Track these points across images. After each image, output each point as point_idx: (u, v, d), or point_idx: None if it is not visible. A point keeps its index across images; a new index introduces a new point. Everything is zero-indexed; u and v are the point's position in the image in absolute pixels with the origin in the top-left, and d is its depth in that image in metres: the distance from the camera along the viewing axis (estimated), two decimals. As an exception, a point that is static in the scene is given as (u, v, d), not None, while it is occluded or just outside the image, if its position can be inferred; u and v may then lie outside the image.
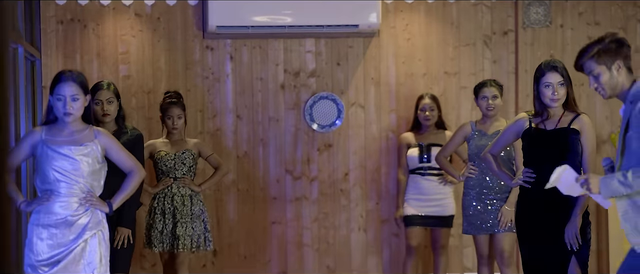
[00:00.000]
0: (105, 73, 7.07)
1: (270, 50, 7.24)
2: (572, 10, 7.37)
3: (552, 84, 4.72)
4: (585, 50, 3.98)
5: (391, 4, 7.29)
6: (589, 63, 3.97)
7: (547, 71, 4.74)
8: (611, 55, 3.94)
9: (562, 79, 4.75)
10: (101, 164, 4.55)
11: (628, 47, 3.99)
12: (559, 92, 4.72)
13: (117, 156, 4.61)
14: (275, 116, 7.27)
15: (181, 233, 6.19)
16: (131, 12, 7.12)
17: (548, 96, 4.72)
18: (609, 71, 3.95)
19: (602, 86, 3.92)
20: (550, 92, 4.72)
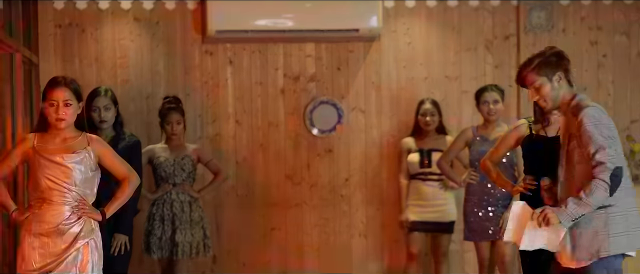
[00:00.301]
0: (103, 78, 7.04)
1: (269, 55, 7.22)
2: (574, 15, 7.35)
3: None
4: (527, 63, 4.13)
5: (392, 8, 7.27)
6: (531, 75, 4.10)
7: None
8: (552, 68, 4.11)
9: None
10: (94, 171, 4.49)
11: (568, 61, 4.18)
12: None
13: (110, 163, 4.55)
14: (275, 120, 7.24)
15: (180, 239, 6.16)
16: (130, 16, 7.10)
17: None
18: (550, 82, 4.11)
19: (544, 97, 4.07)
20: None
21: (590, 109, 4.06)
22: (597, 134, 3.98)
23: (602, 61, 7.37)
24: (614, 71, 7.37)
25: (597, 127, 4.00)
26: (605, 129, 4.02)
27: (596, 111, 4.07)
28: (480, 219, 6.10)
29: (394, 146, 7.17)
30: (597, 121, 4.03)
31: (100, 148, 4.49)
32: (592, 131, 3.96)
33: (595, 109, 4.07)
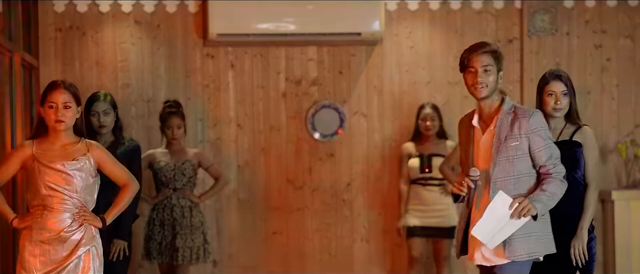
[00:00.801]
0: (104, 81, 7.03)
1: (271, 59, 7.20)
2: (578, 18, 7.32)
3: (555, 93, 4.65)
4: (486, 44, 4.17)
5: (394, 12, 7.25)
6: (488, 57, 4.13)
7: (551, 79, 4.68)
8: (501, 62, 4.20)
9: (565, 88, 4.67)
10: (94, 178, 4.47)
11: None
12: (562, 101, 4.65)
13: (110, 169, 4.53)
14: (276, 124, 7.22)
15: (180, 244, 6.15)
16: (131, 19, 7.09)
17: (551, 105, 4.65)
18: (497, 73, 4.17)
19: (486, 83, 4.09)
20: (553, 101, 4.64)
21: (540, 114, 4.26)
22: (548, 137, 4.20)
23: (606, 65, 7.34)
24: (619, 74, 7.35)
25: (548, 133, 4.22)
26: (550, 132, 4.27)
27: (543, 117, 4.28)
28: None
29: (396, 151, 7.15)
30: (546, 127, 4.24)
31: (99, 154, 4.47)
32: (546, 136, 4.16)
33: (542, 115, 4.29)
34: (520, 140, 4.16)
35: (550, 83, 4.67)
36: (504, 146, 4.16)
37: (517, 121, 4.19)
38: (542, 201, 4.12)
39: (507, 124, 4.18)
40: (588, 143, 4.64)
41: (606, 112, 7.34)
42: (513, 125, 4.18)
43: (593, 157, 4.65)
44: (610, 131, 7.32)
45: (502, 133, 4.17)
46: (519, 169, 4.20)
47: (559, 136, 4.65)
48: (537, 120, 4.20)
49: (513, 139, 4.16)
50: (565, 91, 4.66)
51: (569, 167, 4.56)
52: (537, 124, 4.19)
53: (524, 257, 4.16)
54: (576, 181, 4.60)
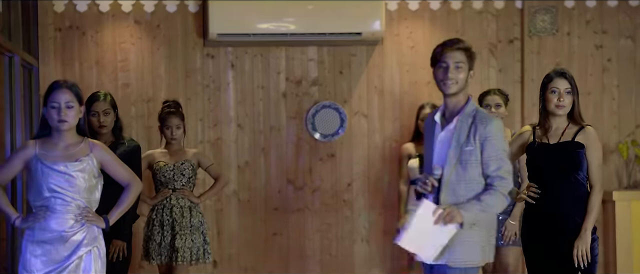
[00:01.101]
0: (104, 81, 7.01)
1: (271, 59, 7.18)
2: (579, 18, 7.30)
3: (559, 90, 4.63)
4: (461, 40, 4.12)
5: (395, 12, 7.23)
6: (462, 54, 4.06)
7: (555, 76, 4.67)
8: (473, 62, 4.13)
9: (569, 86, 4.65)
10: (97, 178, 4.45)
11: None
12: (565, 99, 4.63)
13: (113, 169, 4.52)
14: (276, 125, 7.20)
15: (180, 245, 6.11)
16: (130, 19, 7.07)
17: (553, 102, 4.63)
18: (468, 71, 4.10)
19: (457, 79, 4.02)
20: (556, 98, 4.63)
21: (500, 122, 4.17)
22: (502, 148, 4.08)
23: (607, 65, 7.32)
24: (619, 75, 7.32)
25: (503, 142, 4.11)
26: (506, 144, 4.16)
27: (501, 124, 4.18)
28: None
29: (397, 151, 7.12)
30: (501, 137, 4.12)
31: (102, 154, 4.46)
32: (500, 146, 4.05)
33: (501, 122, 4.20)
34: (474, 146, 4.07)
35: (554, 80, 4.65)
36: (460, 148, 4.09)
37: (474, 126, 4.10)
38: (471, 211, 3.98)
39: (467, 126, 4.10)
40: (591, 144, 4.62)
41: (607, 112, 7.32)
42: (470, 129, 4.09)
43: (597, 158, 4.63)
44: (611, 131, 7.30)
45: (462, 135, 4.10)
46: (472, 174, 4.09)
47: (562, 136, 4.64)
48: (493, 127, 4.08)
49: (469, 143, 4.09)
50: (568, 89, 4.64)
51: (571, 169, 4.58)
52: (492, 132, 4.07)
53: (459, 264, 4.08)
54: (578, 182, 4.59)
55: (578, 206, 4.59)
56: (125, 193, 4.53)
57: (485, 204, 4.00)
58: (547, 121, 4.69)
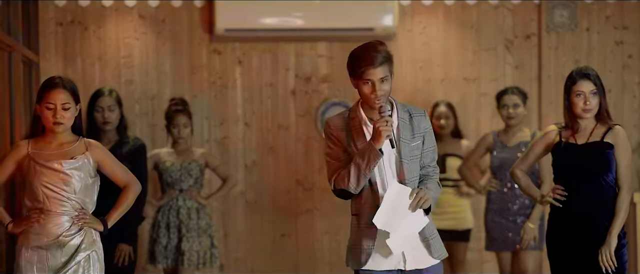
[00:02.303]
0: (107, 77, 6.98)
1: (280, 55, 7.14)
2: (599, 13, 7.22)
3: (584, 93, 4.51)
4: (383, 49, 3.87)
5: (408, 6, 7.16)
6: (388, 67, 3.86)
7: (579, 78, 4.54)
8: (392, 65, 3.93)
9: (595, 87, 4.54)
10: (94, 178, 4.29)
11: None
12: (591, 102, 4.52)
13: (110, 169, 4.35)
14: (285, 123, 7.14)
15: (186, 248, 6.06)
16: (134, 13, 7.03)
17: (580, 106, 4.52)
18: (391, 78, 3.88)
19: (385, 91, 3.84)
20: (582, 102, 4.51)
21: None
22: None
23: (628, 62, 7.24)
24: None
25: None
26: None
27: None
28: (501, 228, 5.96)
29: (410, 150, 6.98)
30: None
31: (99, 153, 4.30)
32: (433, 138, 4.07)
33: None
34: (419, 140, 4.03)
35: (578, 83, 4.53)
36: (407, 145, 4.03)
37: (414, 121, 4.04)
38: (432, 196, 3.91)
39: (407, 123, 4.02)
40: (620, 144, 4.52)
41: (627, 111, 7.24)
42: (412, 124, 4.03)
43: (626, 158, 4.53)
44: (632, 130, 7.21)
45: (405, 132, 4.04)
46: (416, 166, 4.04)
47: (590, 137, 4.54)
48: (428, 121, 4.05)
49: (414, 139, 4.03)
50: (594, 91, 4.53)
51: (600, 170, 4.49)
52: (430, 126, 4.07)
53: (442, 256, 4.00)
54: (607, 184, 4.50)
55: (606, 209, 4.49)
56: (124, 195, 4.38)
57: (436, 190, 3.94)
58: (574, 123, 4.59)
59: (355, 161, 3.78)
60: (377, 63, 3.80)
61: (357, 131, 3.89)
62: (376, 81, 3.80)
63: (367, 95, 3.84)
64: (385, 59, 3.81)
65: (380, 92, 3.81)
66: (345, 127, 3.91)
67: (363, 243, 3.89)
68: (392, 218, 3.80)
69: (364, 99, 3.87)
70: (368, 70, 3.81)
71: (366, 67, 3.81)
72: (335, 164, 3.88)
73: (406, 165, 3.86)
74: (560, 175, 4.62)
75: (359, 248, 3.92)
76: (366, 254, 3.89)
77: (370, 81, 3.82)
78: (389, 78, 3.82)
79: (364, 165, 3.77)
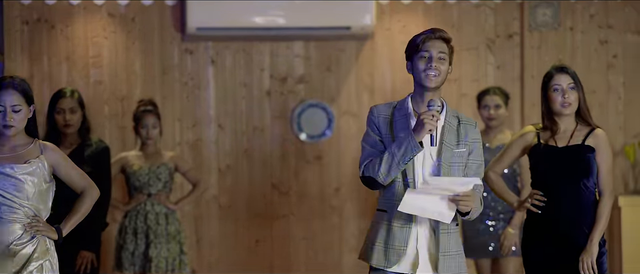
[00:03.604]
0: (75, 78, 6.91)
1: (255, 54, 7.07)
2: (583, 12, 7.17)
3: (561, 86, 4.44)
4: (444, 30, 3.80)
5: (386, 5, 7.09)
6: (447, 44, 3.75)
7: (556, 73, 4.49)
8: (452, 56, 3.83)
9: (572, 81, 4.46)
10: (49, 183, 4.14)
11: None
12: (569, 96, 4.44)
13: (66, 173, 4.20)
14: (260, 125, 7.09)
15: (154, 254, 5.98)
16: (103, 12, 6.96)
17: (558, 101, 4.44)
18: (449, 65, 3.78)
19: (441, 71, 3.72)
20: (560, 96, 4.44)
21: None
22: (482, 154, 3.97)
23: (613, 62, 7.19)
24: (625, 72, 7.19)
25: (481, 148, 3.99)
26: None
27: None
28: (480, 234, 5.86)
29: (388, 153, 6.91)
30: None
31: (53, 157, 4.15)
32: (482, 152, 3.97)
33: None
34: (465, 148, 3.93)
35: (555, 77, 4.47)
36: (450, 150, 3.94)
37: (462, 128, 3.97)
38: (477, 205, 3.73)
39: (454, 128, 3.93)
40: (602, 148, 4.43)
41: (612, 112, 7.19)
42: (458, 131, 3.95)
43: (607, 162, 4.44)
44: (617, 132, 7.16)
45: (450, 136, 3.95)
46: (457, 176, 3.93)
47: (570, 139, 4.44)
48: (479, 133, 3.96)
49: (459, 145, 3.93)
50: (572, 84, 4.46)
51: (580, 174, 4.40)
52: (479, 137, 3.97)
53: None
54: (588, 189, 4.41)
55: (587, 215, 4.40)
56: (81, 200, 4.24)
57: (478, 204, 3.74)
58: (554, 123, 4.49)
59: (391, 149, 3.64)
60: (437, 35, 3.70)
61: (401, 122, 3.76)
62: (434, 55, 3.69)
63: (421, 70, 3.72)
64: (447, 40, 3.71)
65: (435, 70, 3.68)
66: (389, 115, 3.80)
67: (395, 243, 3.72)
68: (422, 201, 3.65)
69: (418, 77, 3.74)
70: (427, 41, 3.70)
71: (426, 37, 3.70)
72: (369, 150, 3.76)
73: (444, 169, 3.71)
74: (538, 179, 4.53)
75: (390, 247, 3.74)
76: (397, 255, 3.72)
77: (427, 53, 3.70)
78: (447, 60, 3.70)
79: (400, 155, 3.62)
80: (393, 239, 3.72)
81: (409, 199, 3.63)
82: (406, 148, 3.60)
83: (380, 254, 3.76)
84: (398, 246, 3.71)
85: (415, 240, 3.72)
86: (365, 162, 3.72)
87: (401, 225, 3.71)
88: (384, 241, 3.75)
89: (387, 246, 3.74)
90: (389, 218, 3.74)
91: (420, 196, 3.64)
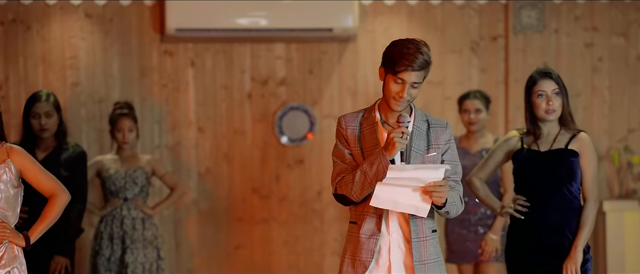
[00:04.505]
0: (51, 79, 6.82)
1: (235, 56, 7.00)
2: (568, 14, 7.11)
3: (546, 93, 4.39)
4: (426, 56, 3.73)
5: (369, 6, 7.02)
6: (425, 69, 3.72)
7: (540, 78, 4.44)
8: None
9: (557, 87, 4.41)
10: (16, 189, 4.04)
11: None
12: (554, 102, 4.39)
13: (34, 177, 4.09)
14: (241, 128, 7.02)
15: (131, 260, 5.94)
16: (80, 12, 6.87)
17: (542, 107, 4.39)
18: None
19: (412, 96, 3.71)
20: (545, 102, 4.39)
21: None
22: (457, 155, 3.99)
23: (598, 65, 7.13)
24: (611, 75, 7.14)
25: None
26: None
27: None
28: (462, 239, 5.81)
29: (371, 157, 6.83)
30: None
31: (21, 160, 4.05)
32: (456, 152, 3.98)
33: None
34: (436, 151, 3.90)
35: (539, 82, 4.42)
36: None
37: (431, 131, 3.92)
38: (450, 199, 3.66)
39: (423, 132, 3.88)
40: (586, 152, 4.38)
41: (597, 116, 7.14)
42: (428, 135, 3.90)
43: (592, 167, 4.39)
44: (602, 136, 7.11)
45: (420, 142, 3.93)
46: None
47: (553, 143, 4.38)
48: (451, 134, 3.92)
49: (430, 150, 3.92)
50: (556, 90, 4.41)
51: (564, 179, 4.35)
52: (452, 138, 3.94)
53: None
54: (572, 194, 4.36)
55: (570, 221, 4.36)
56: (50, 205, 4.12)
57: (457, 200, 3.69)
58: (536, 128, 4.44)
59: (363, 167, 3.59)
60: (417, 67, 3.65)
61: (369, 131, 3.72)
62: (408, 84, 3.65)
63: (393, 93, 3.67)
64: (426, 64, 3.68)
65: (407, 97, 3.65)
66: (357, 126, 3.75)
67: (362, 255, 3.66)
68: (394, 194, 3.59)
69: (387, 95, 3.70)
70: (406, 71, 3.65)
71: (406, 67, 3.65)
72: (341, 166, 3.71)
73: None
74: (521, 184, 4.47)
75: (357, 259, 3.69)
76: (363, 267, 3.66)
77: (402, 81, 3.65)
78: (420, 84, 3.69)
79: (372, 174, 3.58)
80: (360, 251, 3.67)
81: (380, 193, 3.57)
82: (377, 168, 3.57)
83: (348, 267, 3.70)
84: (365, 258, 3.65)
85: (387, 251, 3.65)
86: (338, 179, 3.69)
87: (368, 236, 3.65)
88: (352, 254, 3.69)
89: (355, 258, 3.67)
90: (358, 230, 3.69)
91: (391, 189, 3.58)
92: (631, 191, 7.02)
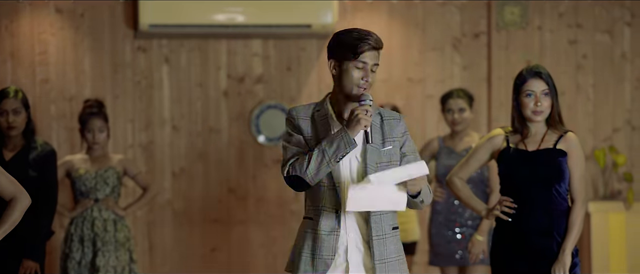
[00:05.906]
0: (20, 76, 6.81)
1: (211, 53, 7.02)
2: (552, 11, 7.14)
3: (534, 93, 4.29)
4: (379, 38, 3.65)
5: (349, 3, 7.05)
6: (379, 51, 3.63)
7: (530, 77, 4.33)
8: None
9: (547, 87, 4.32)
10: None
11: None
12: (543, 103, 4.29)
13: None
14: (216, 127, 7.02)
15: (102, 263, 5.81)
16: (51, 7, 6.89)
17: (530, 107, 4.29)
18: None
19: (373, 81, 3.61)
20: (533, 102, 4.29)
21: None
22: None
23: (582, 62, 7.16)
24: (595, 73, 7.18)
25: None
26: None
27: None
28: (447, 241, 5.72)
29: (350, 156, 6.78)
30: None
31: None
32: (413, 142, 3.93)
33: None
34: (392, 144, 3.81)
35: (528, 81, 4.31)
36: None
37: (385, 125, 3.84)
38: (424, 189, 3.61)
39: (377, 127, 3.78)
40: (574, 152, 4.30)
41: (581, 114, 7.17)
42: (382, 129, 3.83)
43: (580, 167, 4.31)
44: (586, 135, 7.12)
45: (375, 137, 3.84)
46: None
47: (541, 143, 4.29)
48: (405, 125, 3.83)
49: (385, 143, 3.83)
50: (546, 91, 4.31)
51: (552, 179, 4.25)
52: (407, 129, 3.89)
53: None
54: (560, 196, 4.27)
55: (559, 223, 4.26)
56: (10, 209, 3.96)
57: (427, 189, 3.61)
58: (524, 127, 4.35)
59: (321, 146, 3.43)
60: (376, 44, 3.55)
61: (323, 123, 3.58)
62: (370, 65, 3.54)
63: (355, 80, 3.53)
64: (381, 42, 3.58)
65: (371, 79, 3.54)
66: (309, 117, 3.60)
67: (323, 252, 3.50)
68: (369, 195, 3.44)
69: (348, 86, 3.54)
70: (368, 52, 3.52)
71: (367, 47, 3.52)
72: (294, 149, 3.53)
73: (371, 170, 3.53)
74: (508, 185, 4.37)
75: (317, 256, 3.52)
76: (325, 265, 3.50)
77: (365, 65, 3.53)
78: (377, 68, 3.59)
79: (332, 152, 3.42)
80: (321, 248, 3.51)
81: (355, 195, 3.43)
82: (338, 145, 3.42)
83: (307, 264, 3.54)
84: (326, 255, 3.50)
85: (344, 251, 3.52)
86: (291, 161, 3.50)
87: (328, 232, 3.51)
88: (311, 250, 3.53)
89: (315, 255, 3.52)
90: (315, 225, 3.53)
91: (365, 192, 3.44)
92: (616, 191, 7.05)
